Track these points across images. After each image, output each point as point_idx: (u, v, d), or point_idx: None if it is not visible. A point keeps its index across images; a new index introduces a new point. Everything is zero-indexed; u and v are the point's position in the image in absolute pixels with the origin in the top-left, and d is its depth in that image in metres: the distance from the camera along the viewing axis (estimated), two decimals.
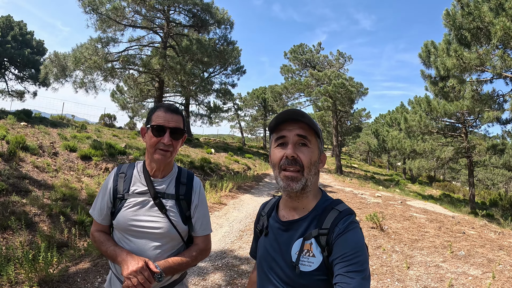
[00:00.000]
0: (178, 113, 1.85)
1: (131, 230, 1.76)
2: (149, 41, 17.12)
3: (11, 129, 11.51)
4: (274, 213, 1.49)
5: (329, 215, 1.28)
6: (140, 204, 1.79)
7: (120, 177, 1.86)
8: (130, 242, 1.77)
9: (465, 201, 24.62)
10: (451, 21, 13.17)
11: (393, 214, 10.08)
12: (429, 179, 43.55)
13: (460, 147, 20.11)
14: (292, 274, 1.27)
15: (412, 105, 23.30)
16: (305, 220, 1.33)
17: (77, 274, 4.63)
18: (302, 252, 1.27)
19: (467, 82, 14.80)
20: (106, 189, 1.87)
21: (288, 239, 1.34)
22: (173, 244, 1.83)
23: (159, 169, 1.84)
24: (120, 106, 26.01)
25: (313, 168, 1.31)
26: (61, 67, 13.18)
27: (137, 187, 1.82)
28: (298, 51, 33.52)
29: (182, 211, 1.84)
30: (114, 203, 1.83)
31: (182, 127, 1.84)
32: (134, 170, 1.89)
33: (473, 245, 7.26)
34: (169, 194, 1.84)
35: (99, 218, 1.87)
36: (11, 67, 27.92)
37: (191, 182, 1.94)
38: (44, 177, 8.33)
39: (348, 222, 1.25)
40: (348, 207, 1.33)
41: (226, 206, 10.07)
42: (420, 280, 5.29)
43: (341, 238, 1.21)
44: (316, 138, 1.33)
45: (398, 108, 39.75)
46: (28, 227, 5.84)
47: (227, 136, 61.09)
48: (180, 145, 1.87)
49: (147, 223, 1.76)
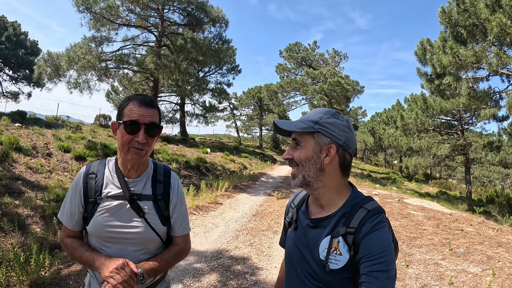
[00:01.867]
0: (154, 106, 1.66)
1: (107, 237, 1.63)
2: (144, 40, 17.01)
3: (5, 130, 11.39)
4: (304, 207, 1.50)
5: (357, 213, 1.28)
6: (114, 209, 1.63)
7: (91, 178, 1.68)
8: (106, 249, 1.64)
9: (462, 198, 24.66)
10: (446, 18, 13.15)
11: (390, 212, 10.03)
12: (425, 177, 43.63)
13: (457, 144, 20.10)
14: (320, 270, 1.29)
15: (408, 103, 23.31)
16: (333, 218, 1.33)
17: (69, 277, 4.53)
18: (330, 250, 1.27)
19: (463, 79, 14.79)
20: (75, 191, 1.68)
21: (317, 236, 1.35)
22: (152, 247, 1.72)
23: (133, 168, 1.69)
24: (115, 106, 25.91)
25: (307, 163, 1.33)
26: (55, 67, 13.04)
27: (110, 190, 1.66)
28: (294, 49, 33.49)
29: (161, 211, 1.72)
30: (86, 207, 1.66)
31: (158, 121, 1.67)
32: (106, 169, 1.72)
33: (472, 242, 7.21)
34: (146, 195, 1.70)
35: (70, 224, 1.69)
36: (5, 68, 27.70)
37: (168, 179, 1.80)
38: (37, 178, 8.23)
39: (376, 222, 1.24)
40: (378, 205, 1.32)
41: (222, 206, 9.98)
42: (420, 278, 5.23)
43: (368, 237, 1.21)
44: (309, 136, 1.35)
45: (394, 106, 39.71)
46: (21, 228, 5.74)
47: (223, 135, 60.90)
48: (155, 141, 1.70)
49: (124, 229, 1.62)
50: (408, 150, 22.50)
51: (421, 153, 21.94)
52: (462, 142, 19.76)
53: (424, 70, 18.15)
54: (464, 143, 19.71)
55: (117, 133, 1.65)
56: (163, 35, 15.88)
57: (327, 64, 32.86)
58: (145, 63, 13.53)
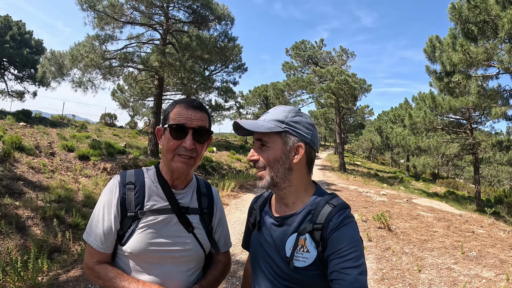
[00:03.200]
0: (203, 109, 1.48)
1: (151, 257, 1.41)
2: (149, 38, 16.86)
3: (9, 129, 11.31)
4: (267, 207, 1.48)
5: (323, 209, 1.26)
6: (160, 224, 1.43)
7: (129, 189, 1.45)
8: (149, 271, 1.41)
9: (470, 198, 24.36)
10: (457, 15, 12.90)
11: (400, 213, 9.83)
12: (432, 176, 43.29)
13: (466, 143, 19.82)
14: (287, 269, 1.26)
15: (416, 101, 23.03)
16: (299, 215, 1.31)
17: (67, 283, 4.36)
18: (296, 248, 1.25)
19: (473, 77, 14.55)
20: (110, 205, 1.43)
21: (282, 234, 1.32)
22: (198, 265, 1.56)
23: (180, 178, 1.51)
24: (120, 105, 25.80)
25: (276, 164, 1.30)
26: (58, 66, 12.93)
27: (154, 202, 1.45)
28: (300, 47, 33.15)
29: (206, 226, 1.57)
30: (122, 224, 1.43)
31: (208, 127, 1.49)
32: (146, 179, 1.50)
33: (484, 245, 7.02)
34: (194, 208, 1.54)
35: (103, 246, 1.42)
36: (10, 67, 27.71)
37: (210, 191, 1.67)
38: (39, 178, 8.09)
39: (342, 217, 1.22)
40: (342, 201, 1.30)
41: (228, 207, 9.83)
42: (433, 284, 5.02)
43: (336, 233, 1.19)
44: (277, 135, 1.32)
45: (402, 105, 39.41)
46: (20, 231, 5.59)
47: (229, 134, 60.84)
48: (205, 149, 1.52)
49: (173, 247, 1.43)
50: (416, 149, 22.21)
51: (430, 152, 21.65)
52: (471, 141, 19.49)
53: (433, 68, 17.88)
54: (473, 142, 19.44)
55: (162, 139, 1.48)
56: (168, 33, 15.72)
57: (334, 62, 32.52)
58: (150, 61, 13.39)
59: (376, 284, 4.97)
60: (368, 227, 8.17)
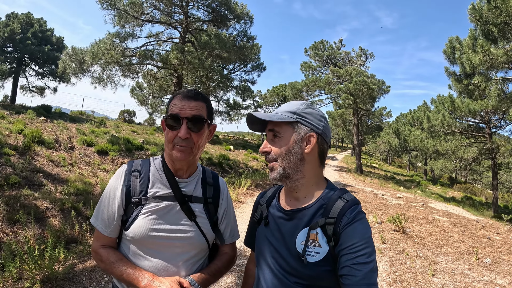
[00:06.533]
0: (198, 98, 1.50)
1: (152, 243, 1.45)
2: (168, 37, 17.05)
3: (29, 123, 11.54)
4: (275, 202, 1.47)
5: (336, 204, 1.26)
6: (163, 210, 1.47)
7: (134, 177, 1.51)
8: (151, 257, 1.46)
9: (487, 204, 23.92)
10: (477, 16, 12.70)
11: (415, 217, 9.73)
12: (450, 181, 42.70)
13: (484, 148, 19.47)
14: (297, 264, 1.25)
15: (435, 104, 22.70)
16: (310, 209, 1.31)
17: (83, 273, 4.47)
18: (308, 242, 1.25)
19: (492, 80, 14.31)
20: (115, 192, 1.50)
21: (292, 229, 1.31)
22: (201, 255, 1.58)
23: (183, 168, 1.55)
24: (139, 102, 26.04)
25: (288, 154, 1.31)
26: (79, 62, 13.17)
27: (158, 189, 1.50)
28: (319, 47, 32.99)
29: (211, 216, 1.60)
30: (127, 210, 1.48)
31: (204, 114, 1.49)
32: (151, 167, 1.56)
33: (499, 252, 6.91)
34: (197, 197, 1.57)
35: (106, 229, 1.49)
36: (31, 63, 28.35)
37: (217, 182, 1.69)
38: (58, 171, 8.26)
39: (355, 212, 1.22)
40: (354, 197, 1.30)
41: (244, 205, 9.87)
42: None
43: (350, 228, 1.19)
44: (288, 126, 1.34)
45: (420, 107, 38.93)
46: (38, 221, 5.73)
47: (247, 133, 61.03)
48: (203, 138, 1.53)
49: (174, 233, 1.47)
50: (434, 153, 21.91)
51: (448, 156, 21.33)
52: (490, 145, 19.13)
53: (452, 70, 17.59)
54: (492, 146, 19.06)
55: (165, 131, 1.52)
56: (187, 31, 15.88)
57: (353, 63, 32.28)
58: (169, 59, 13.56)
59: (389, 287, 4.95)
60: (383, 229, 8.12)
